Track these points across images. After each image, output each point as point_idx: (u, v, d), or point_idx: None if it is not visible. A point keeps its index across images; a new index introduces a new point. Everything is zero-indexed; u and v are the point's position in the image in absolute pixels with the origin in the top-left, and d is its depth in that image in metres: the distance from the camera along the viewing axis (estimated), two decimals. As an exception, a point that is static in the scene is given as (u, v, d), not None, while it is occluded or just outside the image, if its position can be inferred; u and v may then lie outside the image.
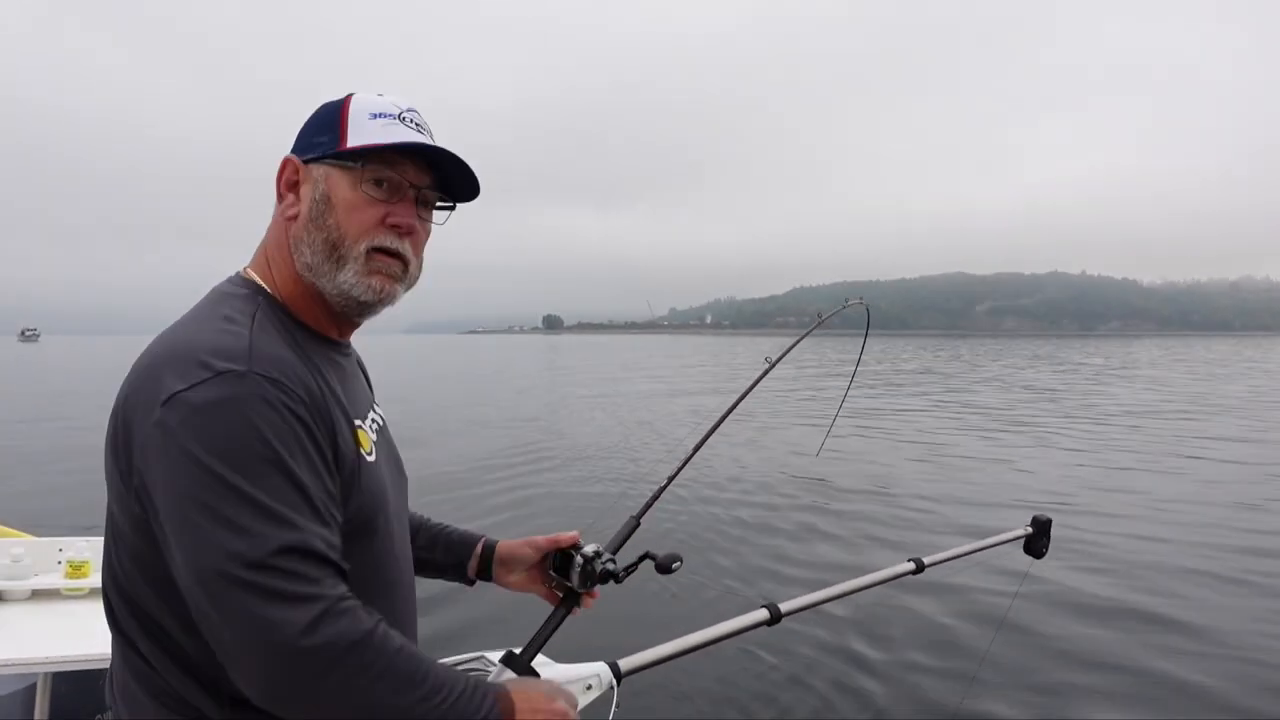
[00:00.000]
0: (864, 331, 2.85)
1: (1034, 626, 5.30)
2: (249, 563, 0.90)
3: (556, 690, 1.20)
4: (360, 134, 1.15)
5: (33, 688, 2.39)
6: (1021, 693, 4.41)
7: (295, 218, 1.17)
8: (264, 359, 1.02)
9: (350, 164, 1.15)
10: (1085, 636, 5.21)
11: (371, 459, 1.17)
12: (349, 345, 1.31)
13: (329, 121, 1.18)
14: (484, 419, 18.09)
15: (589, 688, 1.73)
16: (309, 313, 1.20)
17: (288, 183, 1.19)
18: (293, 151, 1.19)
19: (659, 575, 1.54)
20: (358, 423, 1.17)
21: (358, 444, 1.14)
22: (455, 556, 1.55)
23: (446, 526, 1.60)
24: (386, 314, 1.27)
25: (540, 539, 1.53)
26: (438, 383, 32.80)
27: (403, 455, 1.41)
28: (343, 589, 0.97)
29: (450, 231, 1.31)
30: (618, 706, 1.61)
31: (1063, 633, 5.26)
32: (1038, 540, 2.49)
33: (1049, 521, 2.49)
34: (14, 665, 2.05)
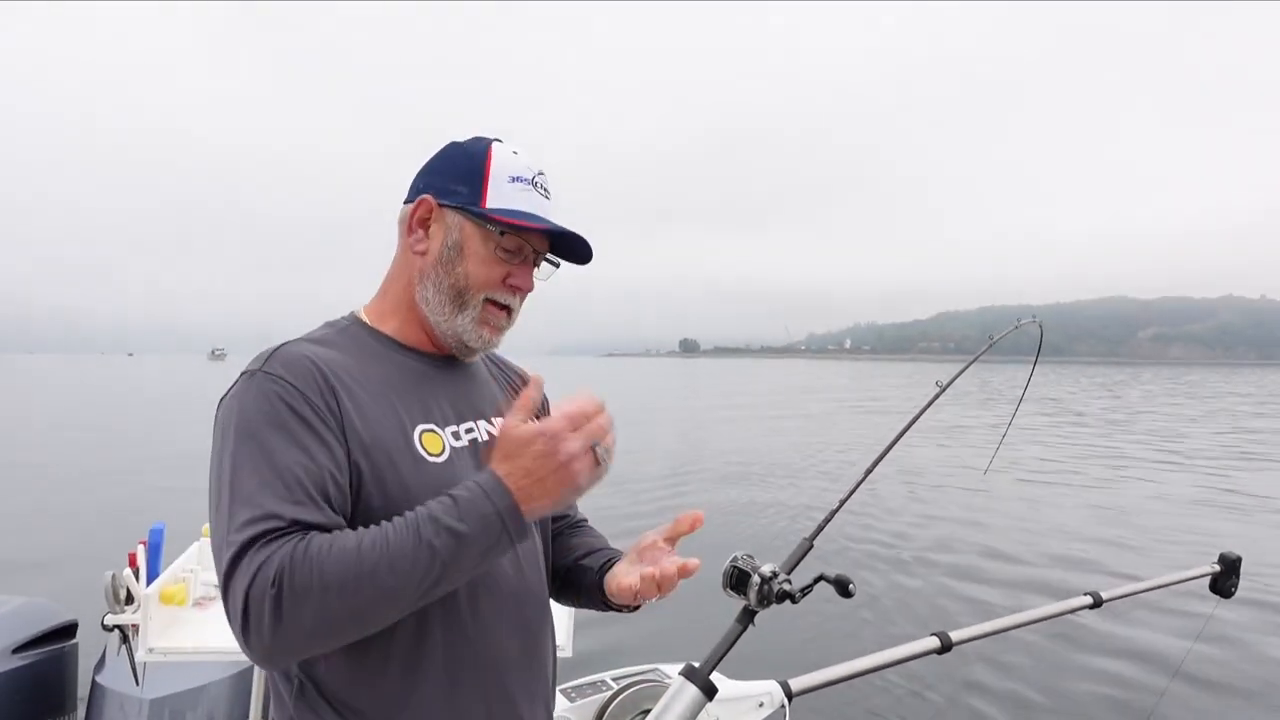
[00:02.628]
0: (1028, 356, 2.78)
1: (1218, 669, 4.96)
2: (232, 543, 0.98)
3: (528, 433, 1.04)
4: (500, 196, 1.23)
5: (249, 672, 2.66)
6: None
7: (424, 254, 1.26)
8: (277, 360, 1.13)
9: (489, 227, 1.23)
10: (1275, 683, 4.83)
11: (438, 459, 1.20)
12: (459, 360, 1.35)
13: (469, 173, 1.25)
14: (638, 440, 18.35)
15: (761, 705, 1.78)
16: (405, 330, 1.29)
17: (420, 219, 1.27)
18: (426, 190, 1.26)
19: (829, 597, 1.57)
20: (427, 426, 1.22)
21: (420, 443, 1.19)
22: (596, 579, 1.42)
23: (593, 553, 1.47)
24: (530, 337, 1.37)
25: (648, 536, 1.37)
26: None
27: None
28: (277, 544, 0.97)
29: (595, 253, 1.38)
30: (790, 727, 1.65)
31: (1249, 678, 4.89)
32: (1226, 578, 2.35)
33: (1239, 559, 2.36)
34: (235, 653, 2.29)
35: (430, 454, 1.20)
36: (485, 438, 1.31)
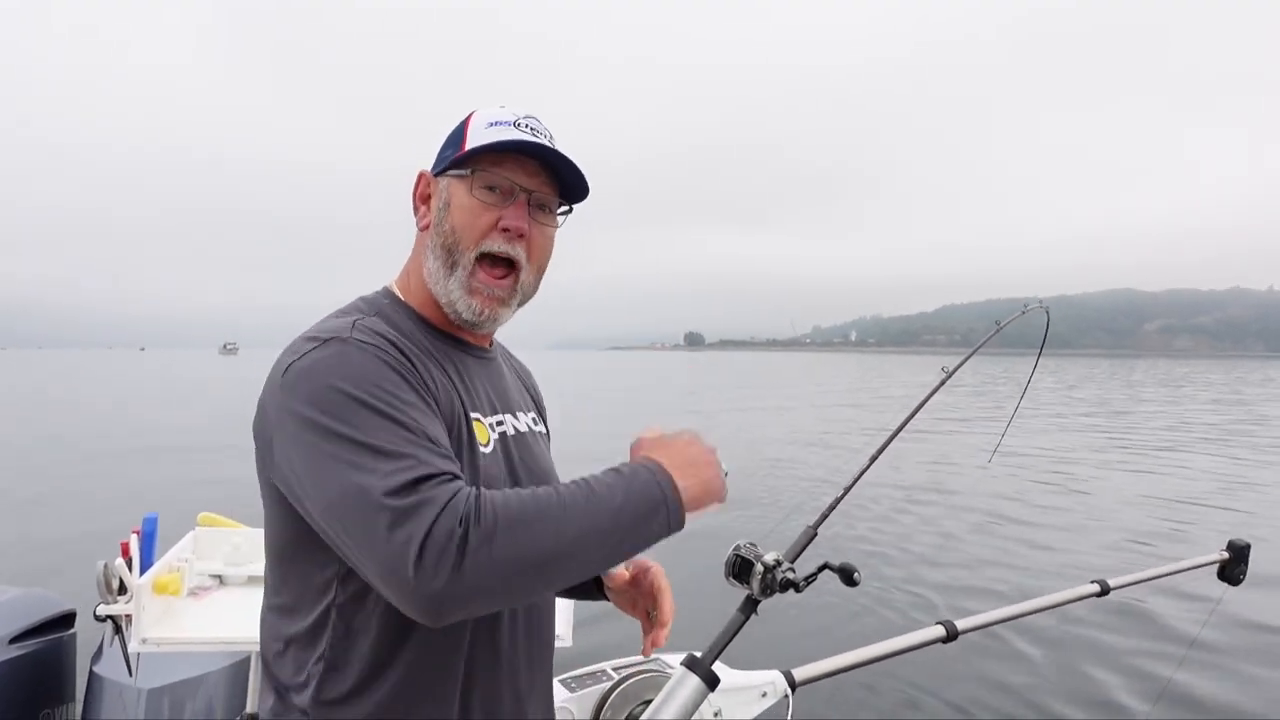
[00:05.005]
0: (1033, 347, 2.75)
1: (1224, 656, 4.98)
2: (383, 489, 0.91)
3: (694, 435, 1.13)
4: (477, 142, 1.19)
5: (246, 661, 2.64)
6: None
7: (427, 228, 1.24)
8: (364, 330, 1.09)
9: (464, 171, 1.19)
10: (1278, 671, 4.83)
11: (487, 450, 1.19)
12: (488, 350, 1.34)
13: (454, 136, 1.23)
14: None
15: (764, 695, 1.75)
16: (430, 313, 1.25)
17: (421, 195, 1.26)
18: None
19: (832, 586, 1.54)
20: (476, 415, 1.20)
21: (474, 432, 1.17)
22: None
23: None
24: (531, 330, 1.29)
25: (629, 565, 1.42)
26: (589, 400, 33.54)
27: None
28: (450, 486, 0.94)
29: (595, 249, 1.21)
30: (793, 715, 1.62)
31: (1255, 665, 4.89)
32: (1234, 566, 2.32)
33: (1247, 546, 2.33)
34: (232, 643, 2.27)
35: (482, 445, 1.18)
36: (514, 433, 1.29)
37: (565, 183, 1.25)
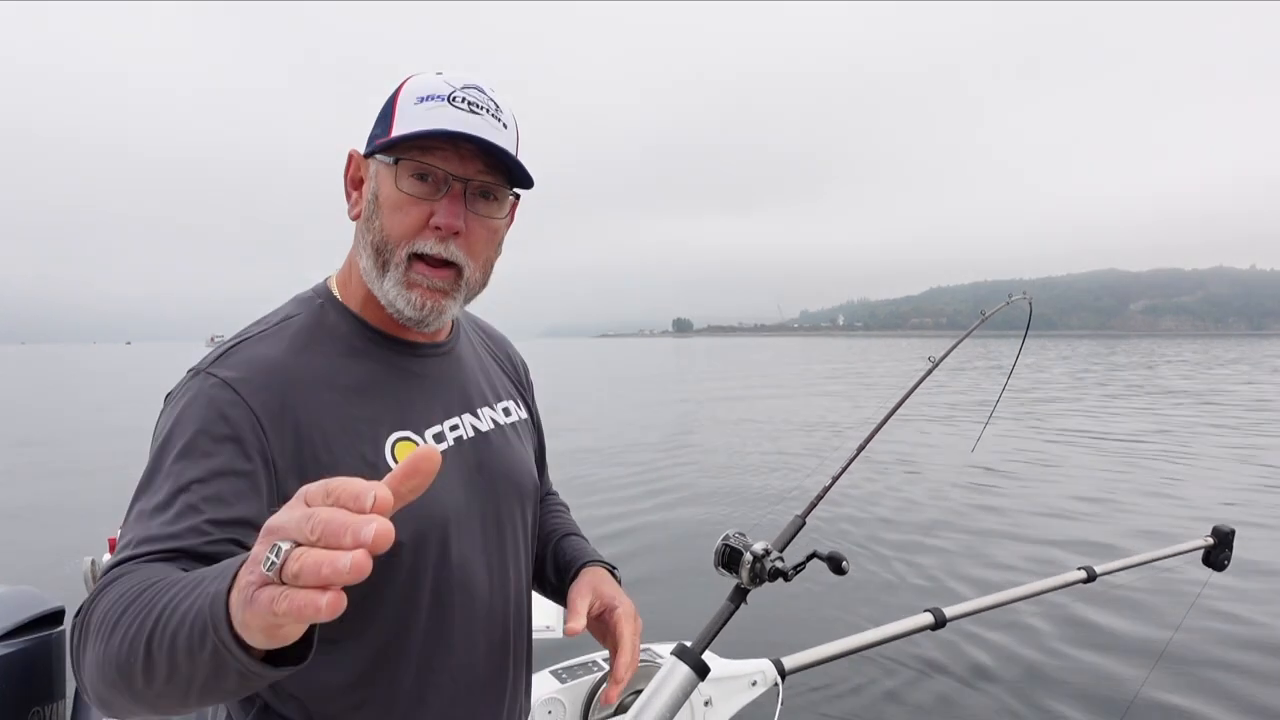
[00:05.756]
0: (1018, 330, 2.77)
1: (1208, 640, 5.03)
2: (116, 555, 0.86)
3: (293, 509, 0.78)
4: (409, 120, 1.01)
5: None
6: (1190, 706, 4.21)
7: (358, 217, 1.08)
8: (230, 360, 0.99)
9: (389, 159, 1.02)
10: (1263, 655, 4.88)
11: None
12: (443, 344, 1.20)
13: (384, 111, 1.05)
14: (632, 420, 18.38)
15: (754, 683, 1.77)
16: (370, 311, 1.11)
17: (353, 179, 1.09)
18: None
19: (821, 575, 1.55)
20: (402, 434, 1.07)
21: (392, 456, 1.04)
22: (561, 579, 1.35)
23: (569, 539, 1.41)
24: (524, 318, 1.17)
25: (595, 602, 1.24)
26: (580, 385, 33.54)
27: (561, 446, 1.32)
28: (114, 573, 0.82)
29: (584, 237, 1.10)
30: (783, 704, 1.63)
31: (1237, 650, 4.94)
32: (1219, 551, 2.36)
33: (1232, 532, 2.36)
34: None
35: None
36: (471, 434, 1.17)
37: (512, 164, 1.06)
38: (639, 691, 1.40)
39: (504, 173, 1.06)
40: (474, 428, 1.18)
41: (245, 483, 0.92)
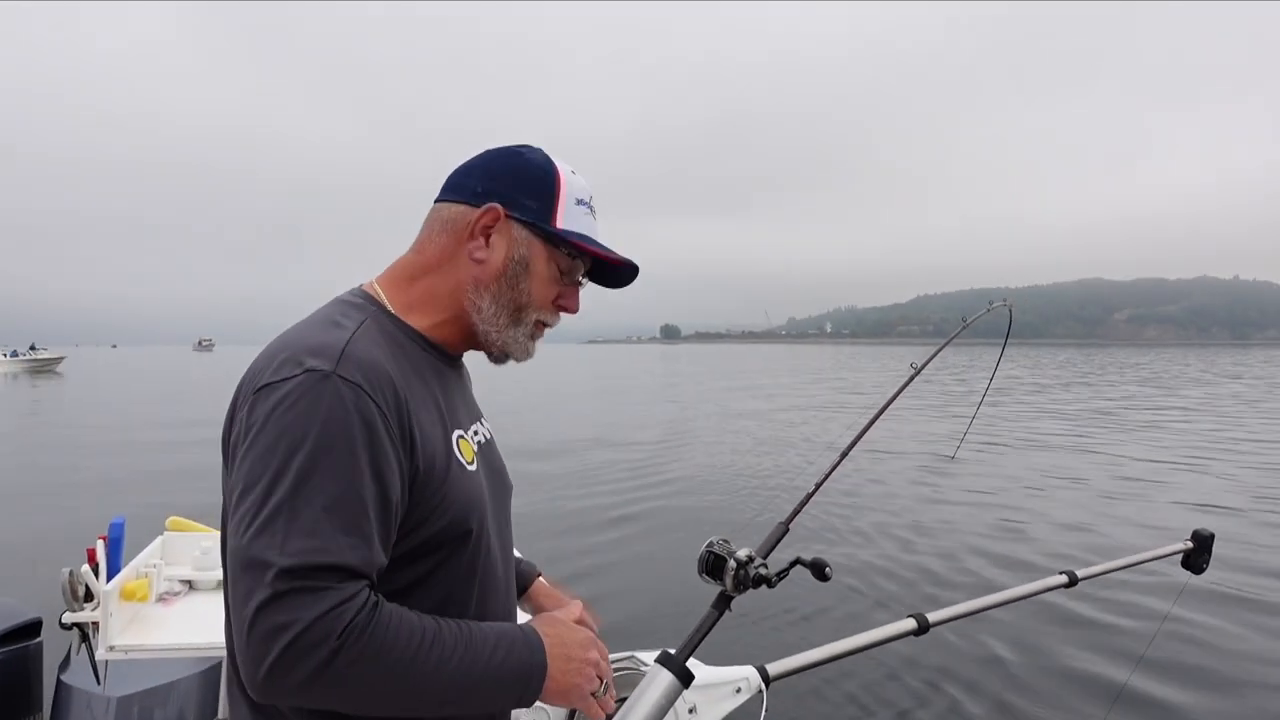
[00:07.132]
0: (1003, 338, 2.79)
1: (1188, 644, 5.08)
2: (280, 567, 0.91)
3: (590, 641, 1.17)
4: (570, 219, 1.23)
5: (218, 667, 2.61)
6: (1171, 711, 4.26)
7: (483, 262, 1.21)
8: (352, 362, 1.03)
9: (561, 249, 1.24)
10: (1242, 656, 4.94)
11: (472, 468, 1.20)
12: (459, 359, 1.35)
13: (541, 190, 1.23)
14: (618, 427, 18.33)
15: (738, 690, 1.76)
16: (438, 330, 1.24)
17: (484, 226, 1.21)
18: (490, 197, 1.21)
19: (804, 581, 1.55)
20: (459, 432, 1.21)
21: (459, 452, 1.18)
22: (520, 587, 1.53)
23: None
24: None
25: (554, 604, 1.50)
26: (560, 400, 33.48)
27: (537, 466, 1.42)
28: (343, 590, 0.94)
29: None
30: (767, 711, 1.63)
31: (1217, 652, 5.00)
32: (1198, 555, 2.37)
33: (1211, 536, 2.37)
34: (202, 648, 2.24)
35: (467, 463, 1.20)
36: (485, 440, 1.33)
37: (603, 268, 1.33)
38: (623, 699, 1.40)
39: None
40: (485, 434, 1.35)
41: (396, 479, 1.04)
